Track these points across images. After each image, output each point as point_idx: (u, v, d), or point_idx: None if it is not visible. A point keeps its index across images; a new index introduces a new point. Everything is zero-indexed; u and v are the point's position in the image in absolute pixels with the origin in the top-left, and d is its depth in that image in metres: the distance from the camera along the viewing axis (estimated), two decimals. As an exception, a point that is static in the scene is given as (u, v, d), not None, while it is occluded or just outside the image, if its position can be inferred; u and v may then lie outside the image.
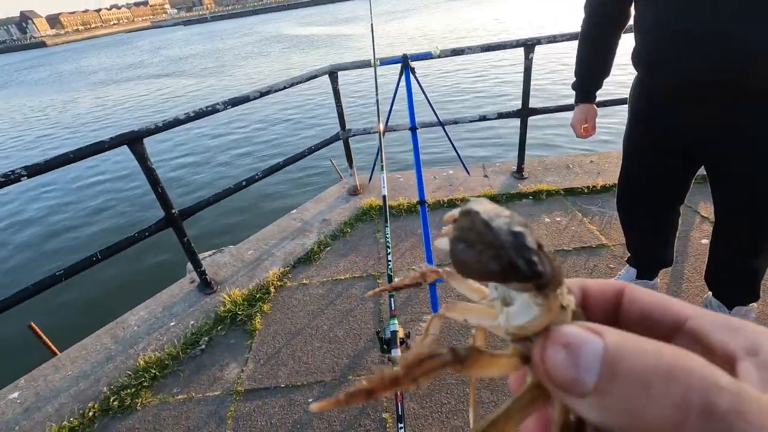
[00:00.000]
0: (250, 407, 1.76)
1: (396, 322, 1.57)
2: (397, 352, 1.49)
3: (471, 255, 0.18)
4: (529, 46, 2.71)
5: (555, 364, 0.18)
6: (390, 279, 1.73)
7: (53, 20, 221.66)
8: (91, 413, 1.81)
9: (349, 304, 2.22)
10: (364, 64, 2.76)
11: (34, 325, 2.35)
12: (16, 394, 1.98)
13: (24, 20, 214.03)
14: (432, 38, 20.28)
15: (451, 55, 2.80)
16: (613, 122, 5.53)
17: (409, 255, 2.53)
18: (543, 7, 25.11)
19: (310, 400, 1.75)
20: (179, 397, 1.85)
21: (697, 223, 2.43)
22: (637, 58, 1.39)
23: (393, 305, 1.63)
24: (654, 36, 1.28)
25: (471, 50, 2.80)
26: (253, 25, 64.04)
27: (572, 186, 2.95)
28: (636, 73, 1.47)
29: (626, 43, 1.58)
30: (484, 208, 0.19)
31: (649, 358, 0.16)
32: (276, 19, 71.42)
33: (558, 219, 2.67)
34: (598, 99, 1.75)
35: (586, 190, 2.90)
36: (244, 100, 2.41)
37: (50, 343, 2.37)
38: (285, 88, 2.61)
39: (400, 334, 1.57)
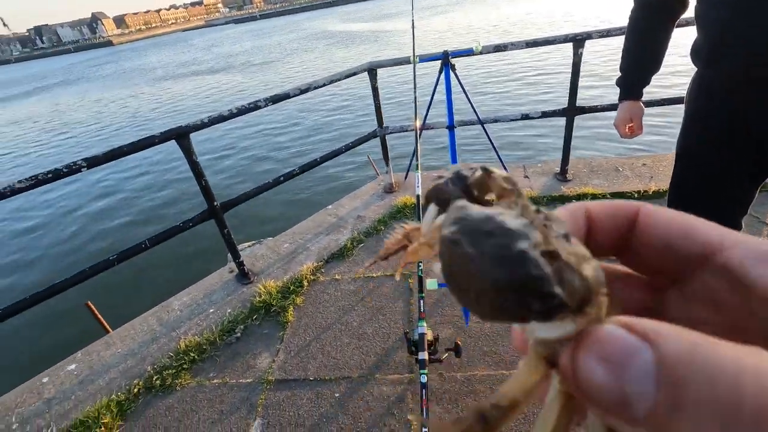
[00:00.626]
0: (279, 397, 1.81)
1: (425, 324, 1.55)
2: (424, 355, 1.47)
3: (474, 307, 0.15)
4: (578, 41, 2.56)
5: (591, 380, 0.14)
6: (421, 280, 1.70)
7: (119, 21, 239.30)
8: (136, 390, 1.94)
9: (380, 302, 2.22)
10: (403, 61, 2.73)
11: (90, 304, 2.56)
12: (73, 366, 2.17)
13: (94, 21, 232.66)
14: (475, 33, 19.80)
15: (494, 52, 2.71)
16: (671, 121, 5.13)
17: (442, 256, 2.48)
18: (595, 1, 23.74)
19: (337, 395, 1.78)
20: (215, 381, 1.94)
21: (765, 236, 2.20)
22: (697, 52, 1.27)
23: (422, 307, 1.61)
24: (717, 27, 1.16)
25: (515, 46, 2.69)
26: (299, 22, 65.67)
27: (621, 190, 2.76)
28: (696, 69, 1.35)
29: (683, 38, 1.44)
30: (466, 223, 0.15)
31: (730, 381, 0.11)
32: (321, 16, 72.77)
33: (603, 225, 2.51)
34: (654, 97, 1.61)
35: (636, 196, 2.70)
36: (284, 97, 2.47)
37: (104, 321, 2.57)
38: (324, 85, 2.64)
39: (429, 336, 1.55)
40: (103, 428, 1.77)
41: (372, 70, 2.84)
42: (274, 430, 1.67)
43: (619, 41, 1.89)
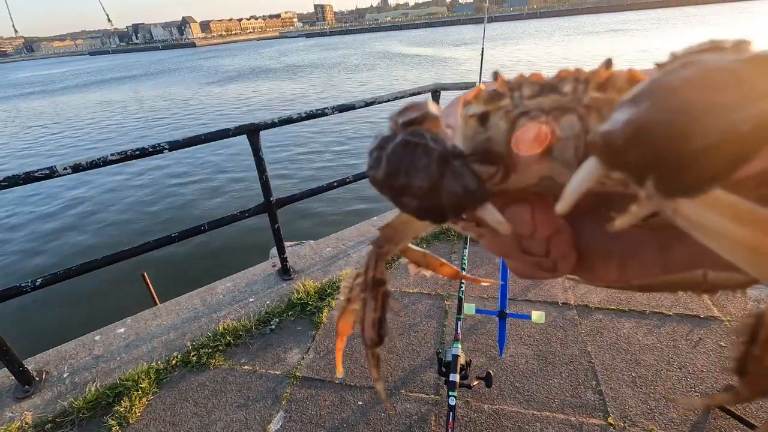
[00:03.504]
0: (304, 394, 1.84)
1: (459, 346, 1.52)
2: (455, 378, 1.45)
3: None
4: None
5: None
6: (460, 302, 1.69)
7: (204, 25, 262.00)
8: (174, 362, 2.05)
9: (413, 319, 2.21)
10: (469, 86, 2.77)
11: (146, 275, 2.76)
12: (122, 330, 2.33)
13: (183, 24, 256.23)
14: (537, 66, 19.62)
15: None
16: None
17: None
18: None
19: (360, 402, 1.77)
20: (245, 367, 2.01)
21: None
22: None
23: (459, 329, 1.59)
24: None
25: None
26: (365, 41, 68.51)
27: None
28: None
29: None
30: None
31: None
32: (387, 38, 75.45)
33: (660, 277, 2.36)
34: None
35: None
36: (350, 107, 2.58)
37: (154, 293, 2.75)
38: (388, 101, 2.74)
39: (462, 360, 1.52)
40: (140, 392, 1.88)
41: (436, 92, 2.90)
42: (296, 426, 1.70)
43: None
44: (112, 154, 1.85)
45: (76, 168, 1.77)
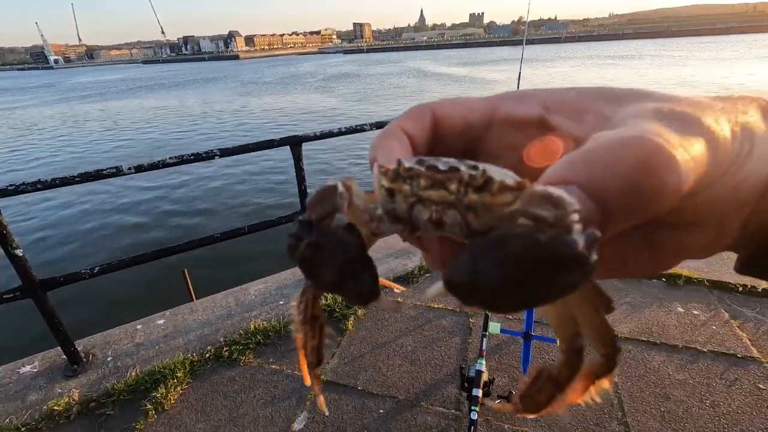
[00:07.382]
0: (327, 398, 1.90)
1: (484, 362, 1.55)
2: (478, 393, 1.47)
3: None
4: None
5: None
6: (486, 318, 1.72)
7: (249, 39, 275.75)
8: (207, 355, 2.17)
9: (437, 334, 2.24)
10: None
11: (186, 272, 2.93)
12: (161, 321, 2.49)
13: (229, 37, 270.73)
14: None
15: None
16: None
17: (507, 303, 2.44)
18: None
19: (381, 411, 1.82)
20: (273, 366, 2.10)
21: None
22: None
23: (484, 345, 1.62)
24: None
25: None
26: (400, 59, 69.86)
27: (722, 279, 2.50)
28: None
29: None
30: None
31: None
32: (421, 57, 76.67)
33: (695, 312, 2.29)
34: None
35: (740, 289, 2.43)
36: (386, 124, 2.68)
37: (192, 290, 2.91)
38: (424, 119, 2.83)
39: (485, 376, 1.55)
40: (175, 380, 2.00)
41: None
42: (318, 427, 1.76)
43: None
44: (170, 158, 2.03)
45: (139, 168, 1.95)
